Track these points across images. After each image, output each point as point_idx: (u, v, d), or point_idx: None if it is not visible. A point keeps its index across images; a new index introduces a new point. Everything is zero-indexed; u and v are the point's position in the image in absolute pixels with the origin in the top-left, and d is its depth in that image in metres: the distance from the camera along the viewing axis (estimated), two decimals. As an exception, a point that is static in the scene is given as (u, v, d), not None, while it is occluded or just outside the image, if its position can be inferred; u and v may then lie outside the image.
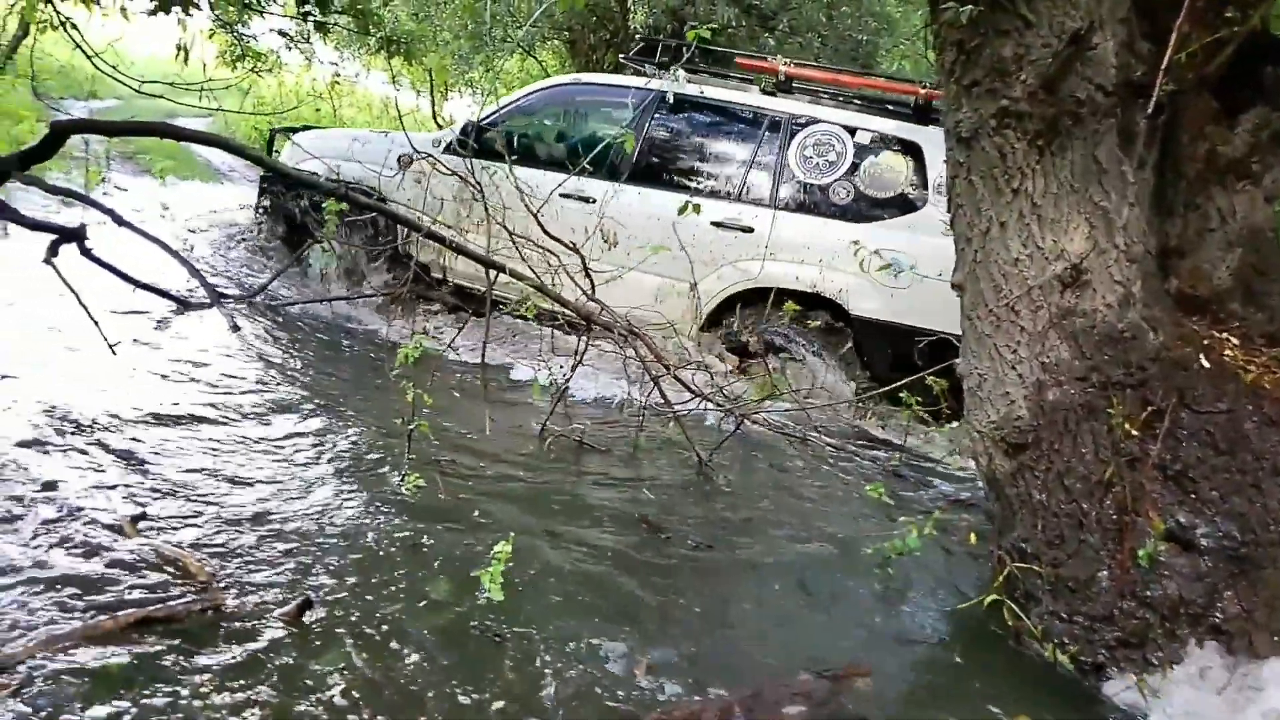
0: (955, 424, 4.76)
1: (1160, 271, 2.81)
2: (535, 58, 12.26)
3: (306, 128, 6.97)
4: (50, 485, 2.80)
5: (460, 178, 4.60)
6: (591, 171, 4.98)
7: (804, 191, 5.26)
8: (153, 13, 6.24)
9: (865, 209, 5.15)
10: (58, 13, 5.73)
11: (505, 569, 2.52)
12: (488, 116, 5.94)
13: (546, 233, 4.48)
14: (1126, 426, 2.55)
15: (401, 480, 3.08)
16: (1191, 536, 2.49)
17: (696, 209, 4.35)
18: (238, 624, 2.25)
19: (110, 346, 3.62)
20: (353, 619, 2.35)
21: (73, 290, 3.49)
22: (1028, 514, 2.72)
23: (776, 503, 3.71)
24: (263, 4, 7.16)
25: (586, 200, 5.30)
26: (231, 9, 7.31)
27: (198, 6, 6.62)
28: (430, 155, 5.16)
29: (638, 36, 6.95)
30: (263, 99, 13.62)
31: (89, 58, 4.91)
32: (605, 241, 5.35)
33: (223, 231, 6.90)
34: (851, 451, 4.46)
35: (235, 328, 4.84)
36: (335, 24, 6.96)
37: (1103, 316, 2.63)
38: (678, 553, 3.06)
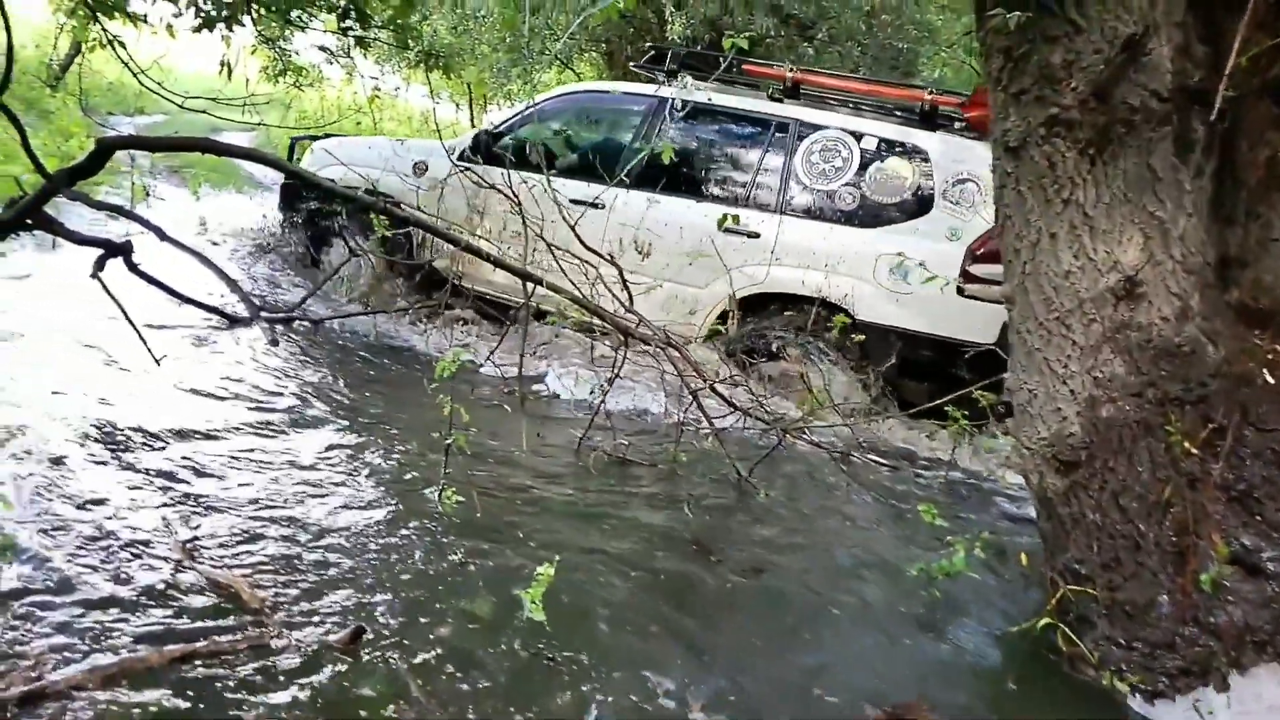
0: (970, 431, 4.70)
1: (1220, 283, 2.70)
2: (573, 70, 12.30)
3: (326, 136, 7.05)
4: (97, 503, 2.80)
5: (499, 191, 4.58)
6: (626, 183, 4.96)
7: (810, 196, 5.26)
8: (197, 30, 6.31)
9: (871, 214, 5.14)
10: (105, 31, 5.83)
11: (549, 589, 2.49)
12: (500, 124, 6.02)
13: (584, 244, 4.48)
14: (1186, 445, 2.46)
15: (439, 496, 3.05)
16: (1257, 560, 2.38)
17: (735, 220, 4.31)
18: (291, 654, 2.21)
19: (156, 360, 3.64)
20: (405, 644, 2.31)
21: (119, 305, 3.51)
22: (1081, 534, 2.63)
23: (822, 522, 3.64)
24: (304, 20, 7.22)
25: (596, 206, 5.28)
26: (274, 25, 7.39)
27: (241, 23, 6.69)
28: (469, 167, 5.17)
29: (648, 44, 6.95)
30: (304, 113, 13.81)
31: (135, 75, 4.97)
32: (639, 252, 5.34)
33: (247, 244, 6.95)
34: (896, 467, 4.37)
35: (274, 342, 4.85)
36: (375, 39, 7.00)
37: (1159, 330, 2.54)
38: (726, 576, 3.01)
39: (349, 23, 6.72)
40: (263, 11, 6.74)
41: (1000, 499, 4.12)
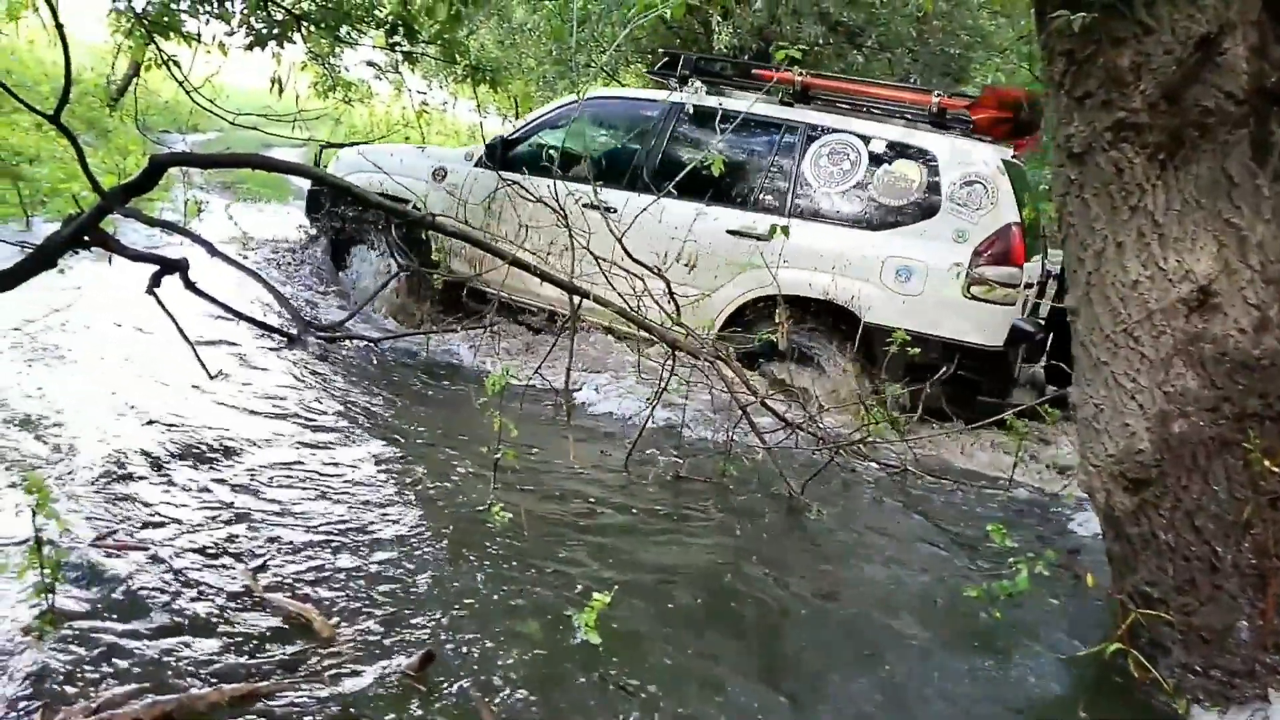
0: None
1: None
2: (619, 82, 12.31)
3: (353, 144, 7.18)
4: (155, 525, 2.78)
5: (546, 205, 4.56)
6: (672, 191, 4.93)
7: (819, 200, 5.28)
8: (249, 48, 6.42)
9: (879, 216, 5.17)
10: (160, 51, 5.93)
11: (612, 613, 2.43)
12: (515, 132, 6.16)
13: (631, 256, 4.46)
14: (1266, 463, 2.34)
15: (490, 513, 3.01)
16: (1344, 585, 2.26)
17: (785, 231, 4.26)
18: (365, 685, 2.15)
19: (210, 375, 3.66)
20: (474, 669, 2.27)
21: (175, 322, 3.55)
22: (1152, 556, 2.52)
23: (878, 542, 3.55)
24: (354, 37, 7.31)
25: (609, 210, 5.25)
26: (324, 42, 7.48)
27: (292, 40, 6.80)
28: (518, 180, 5.16)
29: (661, 50, 6.93)
30: (354, 128, 13.97)
31: (188, 92, 5.05)
32: (686, 266, 5.31)
33: (276, 256, 7.02)
34: (958, 483, 4.25)
35: (323, 356, 4.88)
36: (423, 54, 7.06)
37: (1235, 342, 2.42)
38: (789, 599, 2.93)
39: (397, 38, 6.79)
40: (313, 29, 6.83)
41: (1061, 514, 3.99)
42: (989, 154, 5.08)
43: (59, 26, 3.68)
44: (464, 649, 2.36)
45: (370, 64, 8.03)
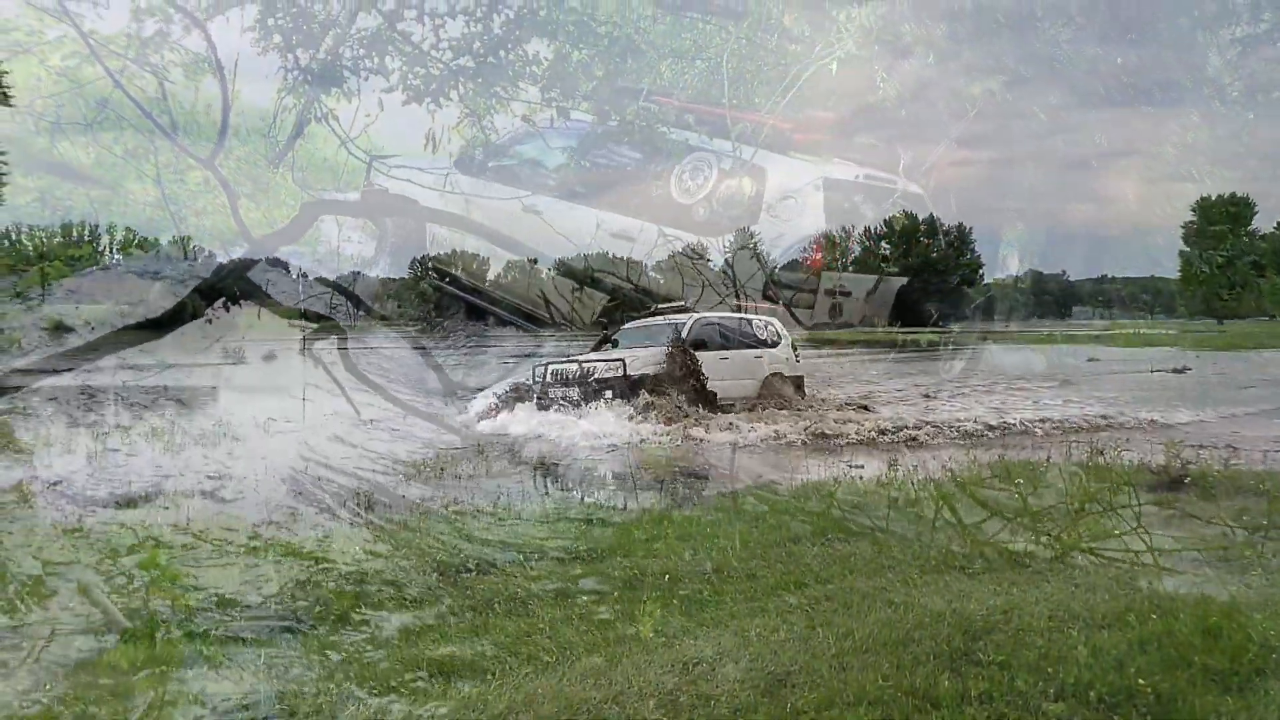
0: None
1: None
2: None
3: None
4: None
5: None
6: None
7: (676, 209, 5.99)
8: (406, 103, 6.51)
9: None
10: (321, 104, 6.03)
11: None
12: None
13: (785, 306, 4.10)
14: None
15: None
16: None
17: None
18: None
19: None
20: None
21: (339, 383, 3.35)
22: None
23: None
24: (508, 94, 7.31)
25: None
26: (480, 100, 7.53)
27: (448, 98, 6.88)
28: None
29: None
30: (503, 185, 14.19)
31: (344, 144, 5.07)
32: None
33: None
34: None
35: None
36: (576, 108, 7.06)
37: None
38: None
39: (553, 94, 6.77)
40: (469, 85, 6.85)
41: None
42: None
43: (219, 68, 3.63)
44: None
45: (525, 119, 8.10)
